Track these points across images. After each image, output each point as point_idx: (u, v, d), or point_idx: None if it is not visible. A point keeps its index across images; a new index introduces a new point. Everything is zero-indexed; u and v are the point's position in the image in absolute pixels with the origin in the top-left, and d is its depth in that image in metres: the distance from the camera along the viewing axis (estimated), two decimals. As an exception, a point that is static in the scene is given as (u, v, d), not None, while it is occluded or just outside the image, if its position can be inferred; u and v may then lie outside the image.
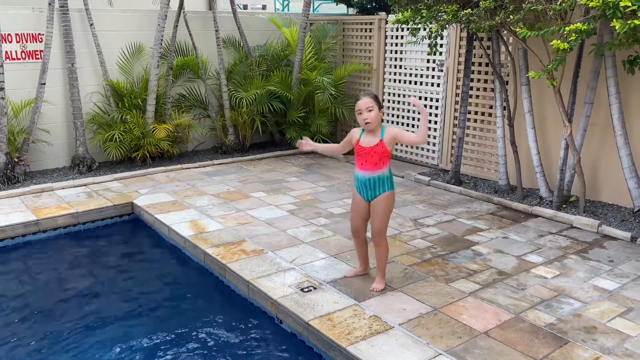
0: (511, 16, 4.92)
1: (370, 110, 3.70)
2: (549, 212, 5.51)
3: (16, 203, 5.77)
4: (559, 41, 4.49)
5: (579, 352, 3.22)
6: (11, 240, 5.17)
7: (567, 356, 3.18)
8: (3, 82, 6.14)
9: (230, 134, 8.02)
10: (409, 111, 7.70)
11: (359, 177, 3.84)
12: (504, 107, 6.10)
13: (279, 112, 8.12)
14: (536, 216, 5.56)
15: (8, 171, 6.25)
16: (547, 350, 3.24)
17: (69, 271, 4.80)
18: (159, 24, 7.13)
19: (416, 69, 7.51)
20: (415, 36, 6.26)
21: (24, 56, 6.69)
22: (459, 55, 6.89)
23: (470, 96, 6.69)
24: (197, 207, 5.72)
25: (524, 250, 4.70)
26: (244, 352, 3.58)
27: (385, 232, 3.90)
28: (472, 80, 6.63)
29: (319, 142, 8.09)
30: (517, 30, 4.87)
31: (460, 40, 6.84)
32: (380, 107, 3.78)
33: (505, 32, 5.80)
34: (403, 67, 7.70)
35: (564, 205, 5.64)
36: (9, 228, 5.16)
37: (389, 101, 7.99)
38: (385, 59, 7.95)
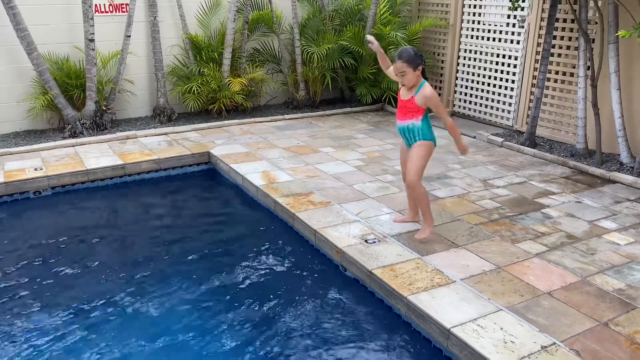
0: (603, -33, 4.61)
1: (403, 75, 3.78)
2: (629, 178, 5.26)
3: (104, 148, 6.24)
4: (654, -5, 4.18)
5: (647, 318, 3.17)
6: (101, 181, 5.65)
7: (633, 321, 3.14)
8: (93, 34, 6.53)
9: (301, 89, 8.14)
10: (485, 69, 7.46)
11: (397, 124, 4.07)
12: (588, 67, 5.78)
13: (350, 67, 8.11)
14: (614, 182, 5.33)
15: (97, 118, 6.73)
16: (612, 314, 3.20)
17: (154, 211, 5.23)
18: (236, -22, 7.25)
19: (495, 25, 7.21)
20: (496, -10, 6.01)
21: (111, 9, 7.05)
22: (542, 10, 6.53)
23: (552, 54, 6.37)
24: (269, 159, 5.94)
25: (598, 216, 4.56)
26: (310, 293, 3.79)
27: (417, 179, 3.96)
28: (554, 37, 6.30)
29: (390, 99, 8.15)
30: (609, -17, 4.57)
31: (545, -6, 6.48)
32: (417, 67, 3.73)
33: (595, -15, 5.44)
34: (481, 23, 7.41)
35: (647, 172, 5.36)
36: (99, 170, 5.63)
37: (464, 58, 7.75)
38: (462, 13, 7.67)
